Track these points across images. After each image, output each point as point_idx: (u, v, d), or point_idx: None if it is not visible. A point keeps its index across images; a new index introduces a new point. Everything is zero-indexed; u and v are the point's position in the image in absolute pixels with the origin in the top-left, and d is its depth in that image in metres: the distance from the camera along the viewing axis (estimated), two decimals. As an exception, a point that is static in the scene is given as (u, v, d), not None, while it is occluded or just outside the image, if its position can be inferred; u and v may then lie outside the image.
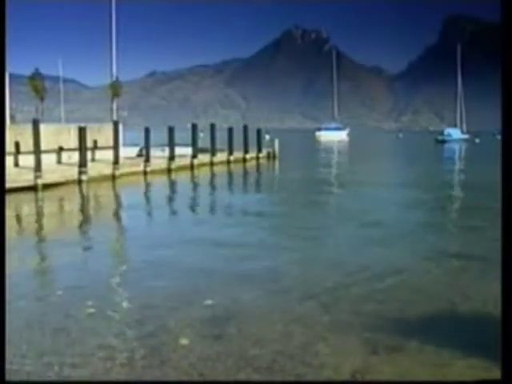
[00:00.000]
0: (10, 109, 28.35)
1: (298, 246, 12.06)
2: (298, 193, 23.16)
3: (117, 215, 17.67)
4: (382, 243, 12.01)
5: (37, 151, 22.26)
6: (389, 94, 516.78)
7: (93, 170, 24.88)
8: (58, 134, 28.23)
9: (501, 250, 4.95)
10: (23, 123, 28.84)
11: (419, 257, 10.80)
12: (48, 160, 24.89)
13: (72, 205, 19.47)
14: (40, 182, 21.25)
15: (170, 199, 21.48)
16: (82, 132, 25.05)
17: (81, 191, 22.13)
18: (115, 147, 26.88)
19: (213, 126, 35.41)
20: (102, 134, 30.09)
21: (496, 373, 5.06)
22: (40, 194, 20.38)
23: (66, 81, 74.83)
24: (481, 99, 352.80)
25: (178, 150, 31.14)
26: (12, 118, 29.02)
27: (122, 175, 25.80)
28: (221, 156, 34.60)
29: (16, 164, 24.71)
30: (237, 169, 32.71)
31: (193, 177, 28.63)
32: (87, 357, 5.90)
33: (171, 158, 29.95)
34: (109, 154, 27.46)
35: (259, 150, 38.88)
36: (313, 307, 7.63)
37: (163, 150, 31.38)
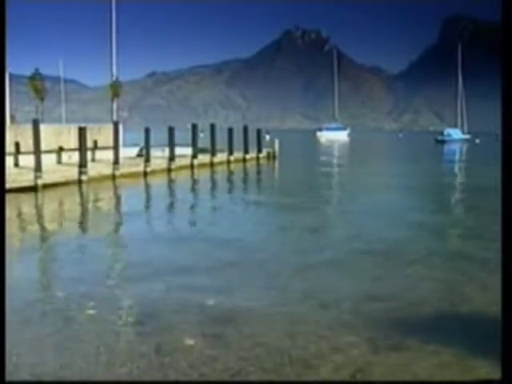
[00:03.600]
0: (10, 109, 28.33)
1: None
2: (297, 195, 23.11)
3: (116, 217, 17.63)
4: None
5: (37, 151, 22.24)
6: (389, 94, 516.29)
7: (93, 170, 24.87)
8: (58, 134, 28.23)
9: (501, 250, 4.95)
10: (23, 123, 28.86)
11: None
12: (48, 160, 24.87)
13: (72, 205, 19.43)
14: (40, 182, 21.23)
15: (170, 200, 21.46)
16: (82, 132, 25.04)
17: (81, 191, 22.11)
18: (115, 147, 26.85)
19: (213, 127, 35.38)
20: (102, 134, 30.08)
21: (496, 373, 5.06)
22: (40, 194, 20.36)
23: (66, 81, 74.65)
24: (481, 99, 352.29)
25: (178, 150, 31.12)
26: (12, 117, 29.00)
27: (122, 175, 25.78)
28: (221, 156, 34.57)
29: (16, 164, 24.71)
30: (237, 169, 32.67)
31: (193, 177, 28.60)
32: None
33: (171, 158, 29.92)
34: (109, 154, 27.45)
35: (259, 151, 38.82)
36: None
37: (163, 151, 31.35)
